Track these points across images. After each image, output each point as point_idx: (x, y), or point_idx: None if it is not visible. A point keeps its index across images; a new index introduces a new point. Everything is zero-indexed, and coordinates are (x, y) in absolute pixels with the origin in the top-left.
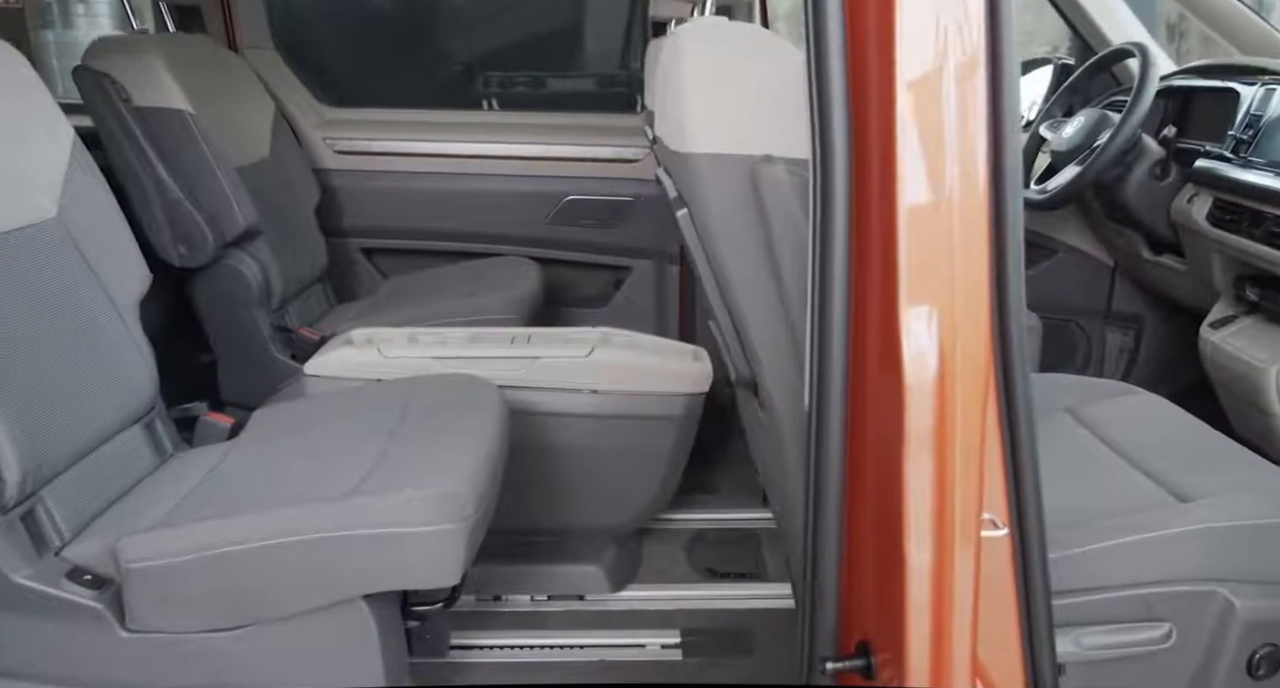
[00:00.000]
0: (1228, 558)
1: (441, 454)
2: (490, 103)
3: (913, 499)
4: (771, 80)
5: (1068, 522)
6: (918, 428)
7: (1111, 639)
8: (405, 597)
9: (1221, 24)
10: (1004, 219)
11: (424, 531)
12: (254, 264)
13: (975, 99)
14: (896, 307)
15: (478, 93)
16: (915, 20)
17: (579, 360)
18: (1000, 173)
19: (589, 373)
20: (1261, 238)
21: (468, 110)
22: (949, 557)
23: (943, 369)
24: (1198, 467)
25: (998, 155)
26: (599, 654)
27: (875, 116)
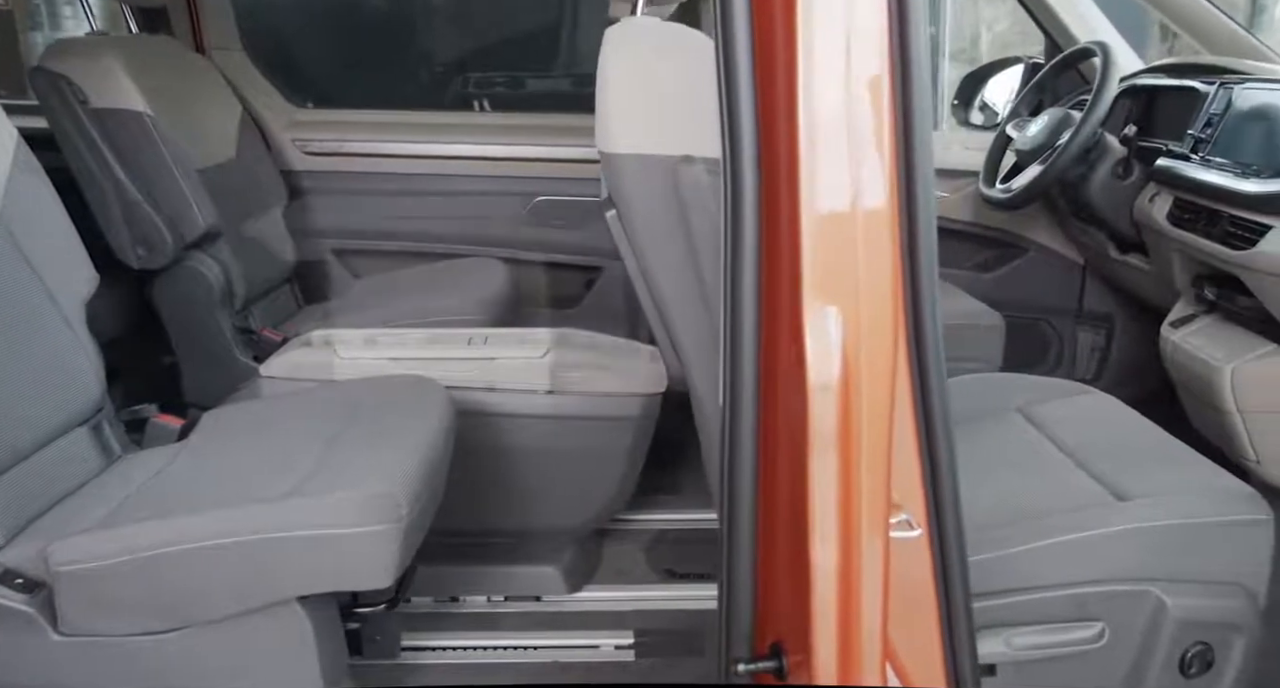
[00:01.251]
0: (1160, 557)
1: (379, 456)
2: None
3: (817, 500)
4: (694, 80)
5: (1006, 521)
6: (821, 428)
7: (1042, 639)
8: (355, 598)
9: (1189, 23)
10: (916, 223)
11: (356, 532)
12: (215, 266)
13: (880, 104)
14: (801, 308)
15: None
16: (818, 26)
17: (534, 361)
18: (912, 178)
19: (543, 374)
20: (1218, 237)
21: (438, 111)
22: (855, 558)
23: (847, 370)
24: (1141, 466)
25: (909, 161)
26: (552, 656)
27: (782, 120)
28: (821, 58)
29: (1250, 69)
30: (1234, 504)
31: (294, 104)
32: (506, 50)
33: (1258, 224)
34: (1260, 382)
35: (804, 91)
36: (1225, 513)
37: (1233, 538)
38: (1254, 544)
